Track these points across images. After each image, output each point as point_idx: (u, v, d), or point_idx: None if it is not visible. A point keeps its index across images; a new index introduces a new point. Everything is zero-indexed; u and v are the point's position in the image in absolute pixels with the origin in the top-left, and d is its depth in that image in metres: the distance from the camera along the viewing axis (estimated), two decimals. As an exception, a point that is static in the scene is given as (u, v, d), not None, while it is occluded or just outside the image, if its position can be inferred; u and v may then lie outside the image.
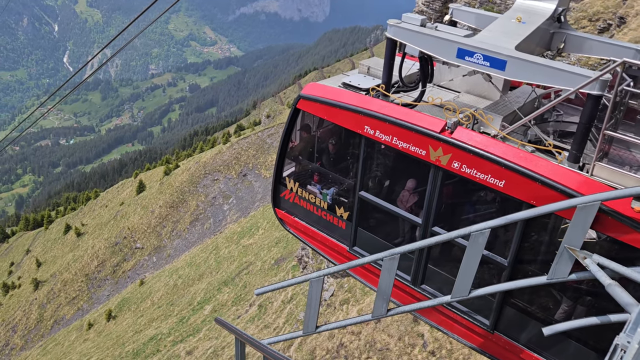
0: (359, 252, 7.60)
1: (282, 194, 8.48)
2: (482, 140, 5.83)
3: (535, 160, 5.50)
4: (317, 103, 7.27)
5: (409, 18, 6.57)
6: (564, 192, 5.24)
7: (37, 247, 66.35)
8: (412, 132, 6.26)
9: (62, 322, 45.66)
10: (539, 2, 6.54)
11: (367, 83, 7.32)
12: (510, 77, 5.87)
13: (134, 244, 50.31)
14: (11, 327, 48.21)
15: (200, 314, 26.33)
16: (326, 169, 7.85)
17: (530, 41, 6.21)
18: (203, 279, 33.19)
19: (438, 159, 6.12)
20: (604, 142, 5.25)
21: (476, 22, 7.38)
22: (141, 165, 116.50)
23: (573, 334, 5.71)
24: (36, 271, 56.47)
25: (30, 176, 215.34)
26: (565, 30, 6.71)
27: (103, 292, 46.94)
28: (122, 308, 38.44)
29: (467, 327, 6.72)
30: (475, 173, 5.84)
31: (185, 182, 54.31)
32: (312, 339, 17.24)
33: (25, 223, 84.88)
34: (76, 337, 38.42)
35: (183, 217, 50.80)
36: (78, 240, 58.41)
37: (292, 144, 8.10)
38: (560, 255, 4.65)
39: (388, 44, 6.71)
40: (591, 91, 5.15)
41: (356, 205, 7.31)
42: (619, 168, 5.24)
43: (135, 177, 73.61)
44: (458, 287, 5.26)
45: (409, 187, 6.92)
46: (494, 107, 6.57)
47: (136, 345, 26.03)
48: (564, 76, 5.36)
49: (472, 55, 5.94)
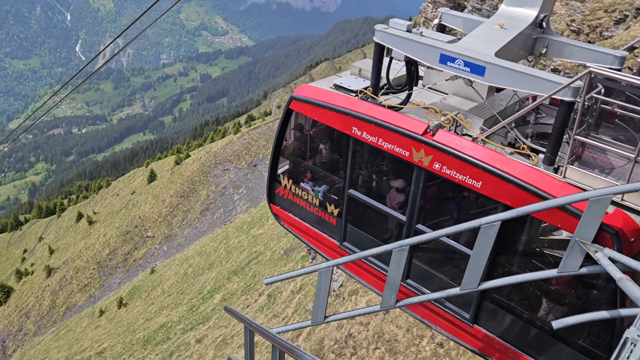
0: (348, 247, 7.92)
1: (277, 190, 8.79)
2: (461, 143, 6.06)
3: (509, 163, 5.74)
4: (308, 104, 7.54)
5: (395, 24, 6.79)
6: (536, 193, 5.48)
7: (49, 235, 67.15)
8: (396, 133, 6.51)
9: (74, 309, 46.28)
10: (521, 9, 6.73)
11: (358, 85, 7.52)
12: (489, 82, 6.11)
13: (145, 232, 50.74)
14: (24, 313, 48.95)
15: (210, 302, 26.55)
16: (318, 167, 8.16)
17: (512, 47, 6.44)
18: (213, 268, 33.42)
19: (420, 160, 6.38)
20: (574, 146, 5.48)
21: (463, 27, 7.60)
22: (152, 154, 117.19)
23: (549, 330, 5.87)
24: (49, 258, 57.19)
25: (43, 164, 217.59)
26: (548, 36, 6.91)
27: (114, 280, 47.46)
28: (133, 296, 38.85)
29: (449, 320, 6.97)
30: (454, 174, 6.09)
31: (195, 171, 54.56)
32: (320, 329, 17.33)
33: (38, 211, 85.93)
34: (88, 324, 38.92)
35: (193, 207, 51.10)
36: (90, 228, 59.01)
37: (285, 143, 8.40)
38: (571, 248, 4.62)
39: (376, 49, 6.93)
40: (564, 97, 5.37)
41: (345, 203, 7.62)
42: (589, 171, 5.48)
43: (147, 166, 74.07)
44: (467, 280, 5.24)
45: (394, 186, 7.18)
46: (476, 110, 6.80)
47: (147, 333, 26.34)
48: (539, 82, 5.60)
49: (454, 61, 6.17)
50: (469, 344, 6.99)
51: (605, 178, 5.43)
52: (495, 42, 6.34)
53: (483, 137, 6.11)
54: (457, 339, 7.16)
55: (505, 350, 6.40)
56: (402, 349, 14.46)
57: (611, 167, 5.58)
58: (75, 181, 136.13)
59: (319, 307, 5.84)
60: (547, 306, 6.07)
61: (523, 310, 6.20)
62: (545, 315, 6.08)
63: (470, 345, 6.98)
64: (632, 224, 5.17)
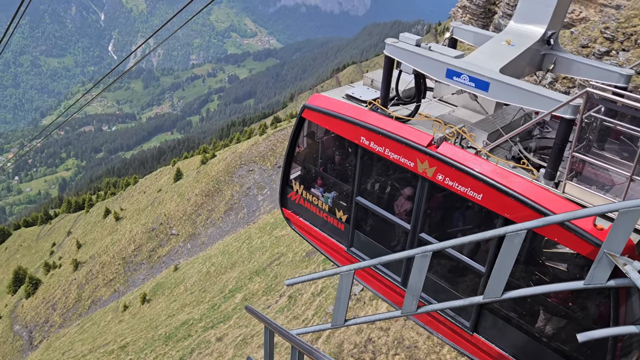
0: (355, 252, 8.15)
1: (289, 195, 9.11)
2: (463, 156, 6.23)
3: (509, 177, 5.89)
4: (320, 113, 7.77)
5: (405, 38, 6.98)
6: (533, 207, 5.63)
7: (77, 229, 68.60)
8: (402, 144, 6.70)
9: (99, 303, 47.15)
10: (529, 26, 6.84)
11: (369, 95, 7.70)
12: (492, 97, 6.25)
13: (170, 230, 51.44)
14: (51, 305, 50.08)
15: (231, 301, 26.74)
16: (328, 174, 8.46)
17: (518, 63, 6.59)
18: (235, 267, 33.67)
19: (425, 171, 6.55)
20: (573, 162, 5.62)
21: (474, 41, 7.73)
22: (179, 153, 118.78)
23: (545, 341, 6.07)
24: (76, 252, 58.41)
25: (73, 160, 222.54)
26: (556, 52, 7.01)
27: (139, 276, 48.20)
28: (156, 292, 39.39)
29: (450, 327, 7.13)
30: (457, 186, 6.25)
31: (221, 171, 55.11)
32: (340, 332, 17.29)
33: (67, 205, 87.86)
34: (112, 318, 39.59)
35: (218, 206, 51.60)
36: (117, 224, 60.09)
37: (298, 149, 8.71)
38: (599, 260, 4.52)
39: (386, 61, 7.09)
40: (563, 115, 5.50)
41: (353, 209, 7.85)
42: (587, 187, 5.57)
43: (173, 165, 75.12)
44: (491, 288, 5.17)
45: (399, 195, 7.41)
46: (482, 124, 6.93)
47: (168, 329, 26.66)
48: (540, 99, 5.74)
49: (460, 76, 6.33)
50: (469, 351, 7.10)
51: (604, 195, 5.50)
52: (501, 58, 6.48)
53: (486, 151, 6.25)
54: (457, 346, 7.29)
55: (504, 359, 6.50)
56: (422, 356, 14.32)
57: (610, 183, 5.63)
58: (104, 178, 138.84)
59: (339, 310, 5.84)
60: (544, 317, 6.16)
61: (521, 320, 6.30)
62: (543, 326, 6.17)
63: (470, 353, 7.09)
64: None
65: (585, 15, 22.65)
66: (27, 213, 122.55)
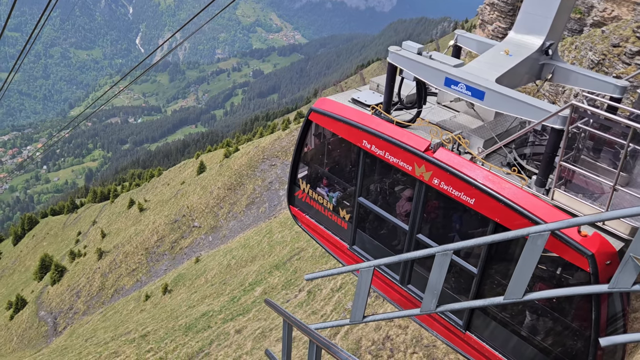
0: (357, 250, 8.50)
1: (296, 193, 9.49)
2: (458, 161, 6.51)
3: (500, 183, 6.14)
4: (325, 116, 8.10)
5: (407, 46, 7.20)
6: (521, 213, 5.87)
7: (102, 219, 69.87)
8: (401, 149, 7.01)
9: (121, 292, 47.99)
10: (528, 36, 7.04)
11: (373, 100, 7.98)
12: (487, 106, 6.43)
13: (192, 222, 52.04)
14: (75, 293, 51.15)
15: (251, 294, 26.95)
16: (332, 174, 8.86)
17: (515, 73, 6.80)
18: (255, 261, 33.92)
19: (422, 174, 6.86)
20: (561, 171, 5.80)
21: (477, 49, 7.89)
22: (203, 146, 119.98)
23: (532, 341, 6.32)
24: (101, 241, 59.50)
25: (100, 151, 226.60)
26: (554, 62, 7.17)
27: (161, 267, 48.90)
28: (178, 283, 39.91)
29: (444, 325, 7.43)
30: (451, 190, 6.53)
31: (243, 165, 55.48)
32: (358, 328, 17.30)
33: (93, 195, 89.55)
34: (134, 307, 40.26)
35: (240, 200, 52.00)
36: (140, 215, 61.01)
37: (305, 150, 9.05)
38: (625, 264, 4.44)
39: (389, 68, 7.32)
40: (553, 125, 5.70)
41: (355, 209, 8.21)
42: (574, 195, 5.75)
43: (197, 158, 75.88)
44: (512, 289, 5.13)
45: (398, 197, 7.78)
46: (479, 130, 7.17)
47: (189, 320, 27.00)
48: (531, 109, 5.94)
49: (457, 85, 6.56)
50: (461, 349, 7.35)
51: (590, 203, 5.67)
52: (498, 68, 6.69)
53: (480, 158, 6.50)
54: (450, 344, 7.55)
55: (493, 357, 6.76)
56: (440, 356, 14.25)
57: (599, 192, 5.81)
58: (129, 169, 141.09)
59: (358, 307, 5.86)
60: (532, 319, 6.42)
61: (510, 320, 6.58)
62: (530, 326, 6.43)
63: (462, 350, 7.33)
64: (608, 248, 5.39)
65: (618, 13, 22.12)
66: (55, 202, 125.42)
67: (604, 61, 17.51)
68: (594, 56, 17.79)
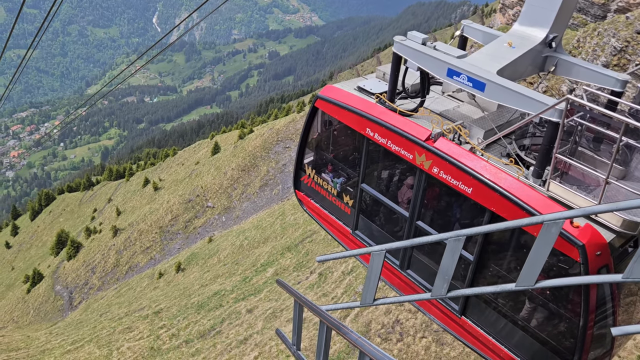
0: (359, 235, 8.74)
1: (302, 178, 9.75)
2: (457, 151, 6.65)
3: (496, 173, 6.28)
4: (331, 104, 8.25)
5: (412, 36, 7.33)
6: (516, 203, 6.02)
7: (118, 197, 70.70)
8: (402, 137, 7.18)
9: (135, 269, 48.72)
10: (532, 29, 7.08)
11: (379, 88, 8.13)
12: (488, 98, 6.55)
13: (206, 202, 52.44)
14: (91, 268, 52.04)
15: (263, 275, 27.21)
16: (337, 160, 9.06)
17: (517, 65, 6.89)
18: (268, 242, 34.16)
19: (422, 163, 7.01)
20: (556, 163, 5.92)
21: (483, 39, 7.97)
22: (217, 127, 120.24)
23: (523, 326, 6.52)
24: (116, 219, 60.27)
25: (116, 130, 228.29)
26: (558, 55, 7.23)
27: (174, 245, 49.49)
28: (191, 262, 40.40)
29: (441, 310, 7.63)
30: (450, 179, 6.68)
31: (258, 147, 55.58)
32: (368, 311, 17.43)
33: (109, 173, 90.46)
34: (147, 284, 40.88)
35: (253, 181, 52.22)
36: (155, 194, 61.60)
37: (311, 136, 9.23)
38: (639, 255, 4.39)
39: (394, 58, 7.47)
40: (550, 117, 5.79)
41: (358, 195, 8.42)
42: (569, 187, 5.86)
43: (211, 138, 76.10)
44: (524, 277, 5.12)
45: (399, 185, 7.97)
46: (480, 121, 7.31)
47: (201, 298, 27.37)
48: (529, 102, 6.06)
49: (459, 76, 6.67)
50: (457, 333, 7.56)
51: (584, 195, 5.78)
52: (500, 60, 6.78)
53: (478, 148, 6.63)
54: (447, 328, 7.75)
55: (487, 341, 7.00)
56: (449, 341, 14.31)
57: (594, 184, 5.88)
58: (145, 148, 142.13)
59: (369, 289, 5.90)
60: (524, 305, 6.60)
61: (503, 306, 6.79)
62: (521, 312, 6.62)
63: (458, 334, 7.55)
64: (599, 239, 5.51)
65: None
66: (71, 179, 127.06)
67: (627, 48, 17.14)
68: (617, 43, 17.41)
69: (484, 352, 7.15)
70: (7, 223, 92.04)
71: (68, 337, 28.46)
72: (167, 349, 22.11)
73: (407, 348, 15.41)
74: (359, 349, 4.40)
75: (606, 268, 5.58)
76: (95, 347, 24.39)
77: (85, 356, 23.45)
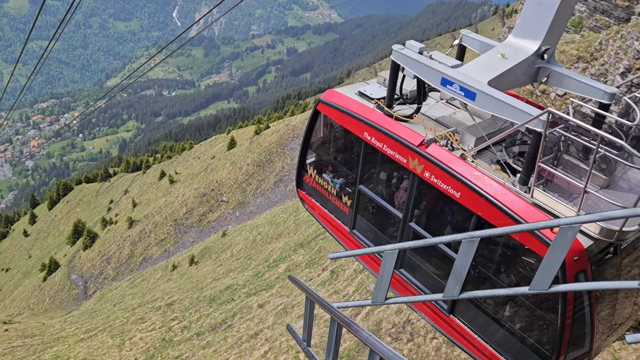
0: (356, 234, 9.07)
1: (304, 178, 10.10)
2: (447, 157, 6.94)
3: (482, 179, 6.54)
4: (332, 108, 8.59)
5: (410, 45, 7.61)
6: (500, 208, 6.26)
7: (134, 189, 71.44)
8: (397, 142, 7.49)
9: (150, 261, 49.22)
10: (525, 41, 7.31)
11: (379, 94, 8.40)
12: (478, 107, 6.77)
13: (220, 196, 52.75)
14: (106, 259, 52.70)
15: (275, 271, 27.31)
16: (337, 162, 9.39)
17: (508, 76, 7.12)
18: (281, 238, 34.27)
19: (415, 167, 7.31)
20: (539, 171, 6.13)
21: (480, 49, 8.15)
22: (234, 122, 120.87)
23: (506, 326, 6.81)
24: (131, 211, 60.92)
25: (134, 122, 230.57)
26: (550, 66, 7.46)
27: (188, 238, 49.89)
28: (204, 255, 40.69)
29: (431, 308, 7.92)
30: (440, 183, 6.96)
31: (273, 143, 55.74)
32: (379, 310, 17.41)
33: (126, 165, 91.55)
34: (161, 276, 41.29)
35: (268, 177, 52.40)
36: (171, 187, 62.12)
37: (313, 138, 9.58)
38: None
39: (392, 65, 7.74)
40: (535, 128, 6.04)
41: (356, 196, 8.75)
42: (551, 195, 6.09)
43: (228, 133, 76.53)
44: (537, 281, 5.08)
45: (394, 187, 8.35)
46: (473, 128, 7.58)
47: (213, 292, 27.56)
48: (515, 112, 6.30)
49: (452, 85, 6.92)
50: (445, 331, 7.85)
51: (566, 204, 5.99)
52: (492, 70, 7.03)
53: (467, 155, 6.91)
54: (436, 325, 8.04)
55: (472, 339, 7.27)
56: (460, 343, 14.23)
57: (574, 193, 6.09)
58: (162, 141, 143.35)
59: (380, 288, 5.90)
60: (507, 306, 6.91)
61: (488, 307, 7.08)
62: (506, 314, 6.93)
63: (446, 332, 7.83)
64: (577, 245, 5.67)
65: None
66: (89, 170, 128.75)
67: (651, 52, 16.83)
68: (640, 46, 17.09)
69: (470, 350, 7.48)
70: (25, 211, 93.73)
71: (82, 325, 28.87)
72: (179, 340, 22.32)
73: (417, 348, 15.38)
74: (369, 347, 4.39)
75: (584, 273, 5.79)
76: (108, 336, 24.72)
77: (99, 345, 23.77)
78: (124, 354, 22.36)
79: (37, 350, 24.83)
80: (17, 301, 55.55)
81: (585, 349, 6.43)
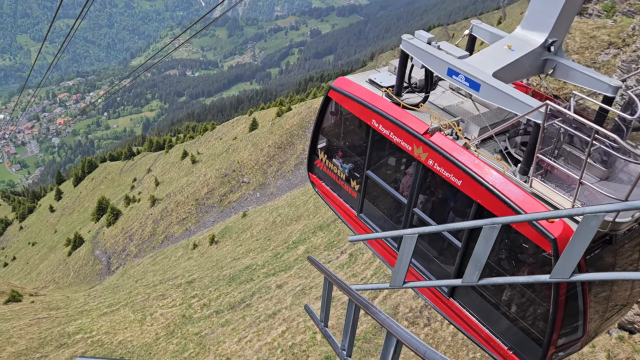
0: (364, 218, 9.36)
1: (315, 162, 10.40)
2: (450, 146, 7.12)
3: (483, 168, 6.72)
4: (342, 94, 8.81)
5: (419, 35, 7.79)
6: (498, 197, 6.44)
7: (157, 168, 72.32)
8: (403, 130, 7.70)
9: (171, 239, 49.98)
10: (532, 33, 7.39)
11: (388, 82, 8.58)
12: (483, 98, 6.97)
13: (242, 177, 53.10)
14: (128, 236, 53.66)
15: (294, 252, 27.50)
16: (346, 147, 9.69)
17: (514, 67, 7.24)
18: (300, 220, 34.43)
19: (419, 155, 7.52)
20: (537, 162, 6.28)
21: (490, 39, 8.27)
22: (256, 103, 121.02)
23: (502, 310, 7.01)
24: (154, 189, 61.74)
25: (157, 102, 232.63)
26: (557, 58, 7.52)
27: (209, 218, 50.45)
28: (224, 235, 41.14)
29: (432, 291, 8.18)
30: (443, 171, 7.17)
31: (295, 125, 55.70)
32: (397, 294, 17.47)
33: (149, 144, 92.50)
34: (182, 254, 41.93)
35: (289, 159, 52.50)
36: (193, 166, 62.70)
37: (324, 123, 9.91)
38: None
39: (401, 55, 7.94)
40: (535, 119, 6.20)
41: (363, 181, 9.02)
42: (549, 185, 6.26)
43: (250, 114, 76.64)
44: (559, 269, 5.03)
45: (400, 173, 8.63)
46: (478, 118, 7.72)
47: (233, 271, 27.91)
48: (517, 103, 6.46)
49: (458, 75, 7.10)
50: (445, 313, 8.09)
51: (562, 194, 6.15)
52: (498, 62, 7.16)
53: (471, 144, 7.11)
54: (436, 307, 8.30)
55: (470, 322, 7.51)
56: (477, 329, 14.21)
57: (572, 184, 6.18)
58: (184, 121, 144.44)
59: (399, 272, 5.91)
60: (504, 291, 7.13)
61: (486, 292, 7.27)
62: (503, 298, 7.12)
63: (446, 314, 8.08)
64: (570, 233, 5.76)
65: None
66: (113, 148, 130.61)
67: (686, 39, 16.29)
68: (675, 33, 16.55)
69: (468, 332, 7.72)
70: (51, 187, 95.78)
71: (105, 300, 29.58)
72: (198, 317, 22.74)
73: (434, 333, 15.42)
74: (387, 329, 4.42)
75: None
76: (130, 311, 25.30)
77: (121, 319, 24.36)
78: (145, 328, 22.89)
79: (61, 323, 25.57)
80: (43, 274, 57.11)
81: (579, 335, 6.63)
